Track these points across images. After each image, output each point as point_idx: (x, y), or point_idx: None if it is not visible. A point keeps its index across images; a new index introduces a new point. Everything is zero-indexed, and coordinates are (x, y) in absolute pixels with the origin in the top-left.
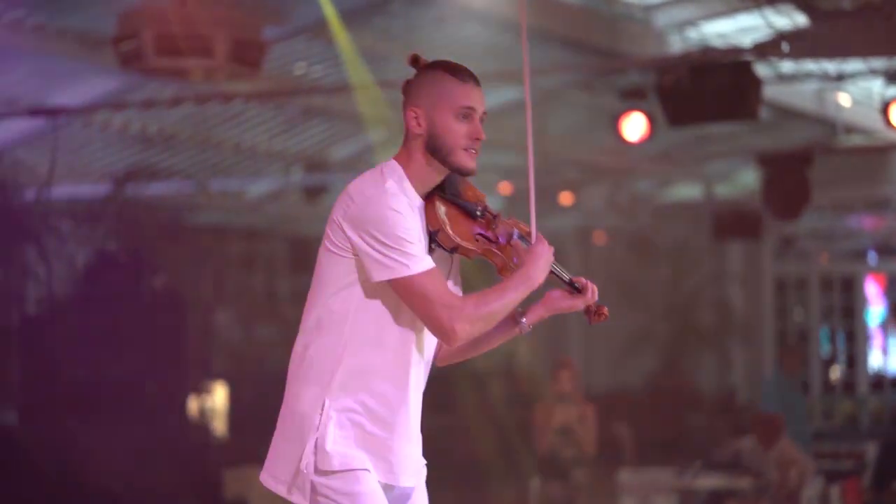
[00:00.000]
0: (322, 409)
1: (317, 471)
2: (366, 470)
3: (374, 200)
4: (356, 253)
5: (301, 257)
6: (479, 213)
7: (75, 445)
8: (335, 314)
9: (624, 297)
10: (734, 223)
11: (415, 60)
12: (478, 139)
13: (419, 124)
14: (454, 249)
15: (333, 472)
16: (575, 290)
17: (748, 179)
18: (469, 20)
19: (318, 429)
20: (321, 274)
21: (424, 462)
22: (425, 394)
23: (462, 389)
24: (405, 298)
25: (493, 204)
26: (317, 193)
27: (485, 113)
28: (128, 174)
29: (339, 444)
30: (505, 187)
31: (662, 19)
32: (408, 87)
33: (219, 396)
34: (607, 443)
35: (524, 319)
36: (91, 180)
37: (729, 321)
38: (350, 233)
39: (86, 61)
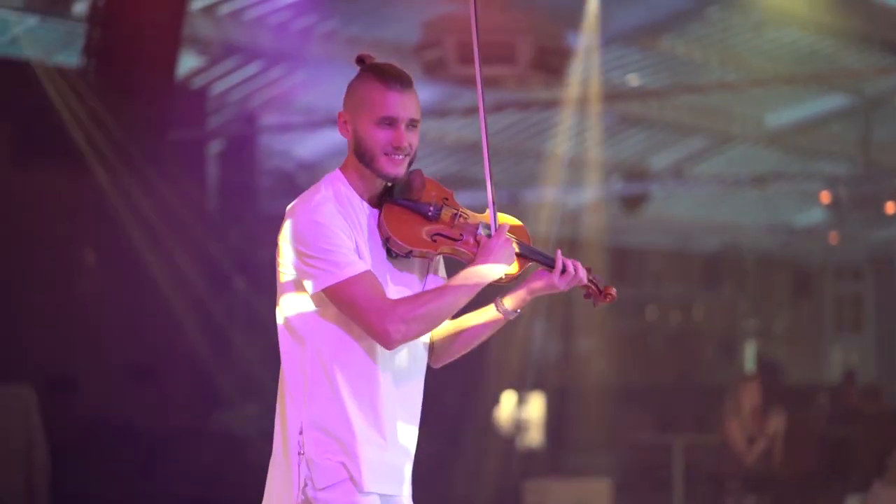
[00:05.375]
0: (301, 427)
1: (314, 487)
2: (357, 479)
3: (298, 216)
4: (296, 268)
5: (620, 268)
6: (430, 213)
7: None
8: (296, 331)
9: None
10: None
11: (359, 61)
12: (398, 147)
13: (346, 130)
14: (409, 254)
15: (330, 486)
16: (550, 268)
17: None
18: (788, 25)
19: (302, 446)
20: (278, 293)
21: (407, 476)
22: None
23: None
24: (339, 307)
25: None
26: (636, 203)
27: (414, 119)
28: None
29: (323, 458)
30: (826, 196)
31: None
32: (346, 90)
33: (534, 407)
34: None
35: (506, 306)
36: None
37: None
38: (285, 250)
39: None
